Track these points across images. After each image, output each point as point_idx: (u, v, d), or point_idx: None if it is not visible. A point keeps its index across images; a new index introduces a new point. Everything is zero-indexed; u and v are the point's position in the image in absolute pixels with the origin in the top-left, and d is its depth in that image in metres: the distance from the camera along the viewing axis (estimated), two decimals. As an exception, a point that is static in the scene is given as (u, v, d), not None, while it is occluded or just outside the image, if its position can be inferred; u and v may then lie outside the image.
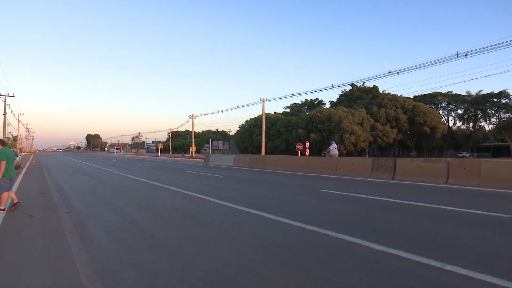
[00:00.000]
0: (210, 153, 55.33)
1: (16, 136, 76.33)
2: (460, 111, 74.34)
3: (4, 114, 44.12)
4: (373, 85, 77.11)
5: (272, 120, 68.52)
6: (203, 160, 36.04)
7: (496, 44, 20.72)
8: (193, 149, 65.41)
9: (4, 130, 45.07)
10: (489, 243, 4.76)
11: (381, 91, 76.18)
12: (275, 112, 76.59)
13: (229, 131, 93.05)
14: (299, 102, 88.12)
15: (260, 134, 44.57)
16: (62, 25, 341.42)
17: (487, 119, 71.83)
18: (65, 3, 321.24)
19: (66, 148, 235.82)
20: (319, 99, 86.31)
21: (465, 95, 71.42)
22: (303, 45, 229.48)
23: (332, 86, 32.93)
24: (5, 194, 7.64)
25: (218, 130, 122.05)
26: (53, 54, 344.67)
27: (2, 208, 7.45)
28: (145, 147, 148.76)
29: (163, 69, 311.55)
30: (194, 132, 67.60)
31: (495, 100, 68.20)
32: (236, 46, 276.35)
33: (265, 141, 43.50)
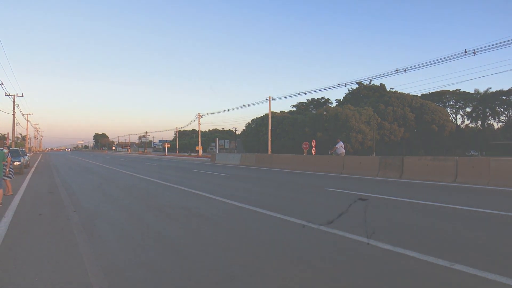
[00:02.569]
0: (217, 152, 55.43)
1: (25, 136, 77.23)
2: (468, 109, 73.54)
3: (13, 114, 44.68)
4: (380, 84, 76.60)
5: (278, 119, 68.44)
6: (209, 159, 36.15)
7: (505, 41, 20.41)
8: (199, 148, 65.57)
9: (13, 129, 45.62)
10: (499, 242, 4.70)
11: (388, 89, 75.63)
12: (281, 111, 76.52)
13: (235, 130, 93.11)
14: (306, 101, 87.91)
15: (267, 133, 44.55)
16: (69, 25, 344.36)
17: (496, 117, 70.98)
18: (72, 3, 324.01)
19: (74, 147, 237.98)
20: (326, 98, 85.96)
21: (474, 93, 70.62)
22: (309, 44, 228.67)
23: (339, 84, 32.83)
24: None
25: (225, 129, 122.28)
26: (61, 53, 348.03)
27: None
28: (152, 146, 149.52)
29: (170, 68, 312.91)
30: (201, 131, 67.78)
31: (504, 98, 67.35)
32: (242, 45, 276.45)
33: (272, 140, 43.47)
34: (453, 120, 73.85)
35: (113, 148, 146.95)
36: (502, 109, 69.27)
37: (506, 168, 11.02)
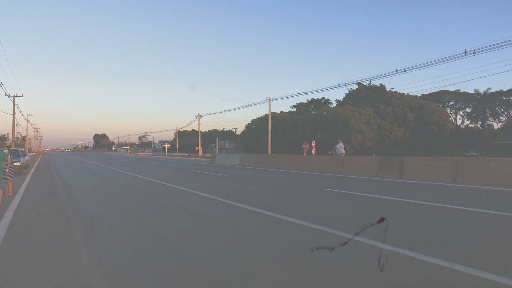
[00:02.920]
0: (217, 152, 55.40)
1: (25, 136, 77.13)
2: (468, 110, 73.59)
3: (13, 114, 44.67)
4: (380, 84, 76.62)
5: (278, 119, 68.44)
6: (209, 159, 36.14)
7: (505, 41, 20.44)
8: (199, 148, 65.52)
9: (13, 130, 45.61)
10: (499, 242, 4.69)
11: (388, 89, 75.66)
12: (281, 111, 76.52)
13: (235, 131, 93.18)
14: (306, 101, 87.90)
15: (267, 134, 44.54)
16: (69, 25, 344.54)
17: (496, 117, 71.01)
18: (71, 4, 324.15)
19: (74, 147, 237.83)
20: (326, 98, 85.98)
21: (473, 93, 70.67)
22: (309, 44, 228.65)
23: (339, 85, 32.81)
24: None
25: (225, 130, 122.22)
26: (60, 54, 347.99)
27: None
28: (152, 146, 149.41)
29: (170, 69, 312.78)
30: (201, 131, 67.76)
31: (504, 98, 67.41)
32: (242, 45, 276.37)
33: (272, 140, 43.47)
34: (453, 120, 73.88)
35: (113, 148, 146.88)
36: (502, 109, 69.33)
37: (506, 168, 11.03)
